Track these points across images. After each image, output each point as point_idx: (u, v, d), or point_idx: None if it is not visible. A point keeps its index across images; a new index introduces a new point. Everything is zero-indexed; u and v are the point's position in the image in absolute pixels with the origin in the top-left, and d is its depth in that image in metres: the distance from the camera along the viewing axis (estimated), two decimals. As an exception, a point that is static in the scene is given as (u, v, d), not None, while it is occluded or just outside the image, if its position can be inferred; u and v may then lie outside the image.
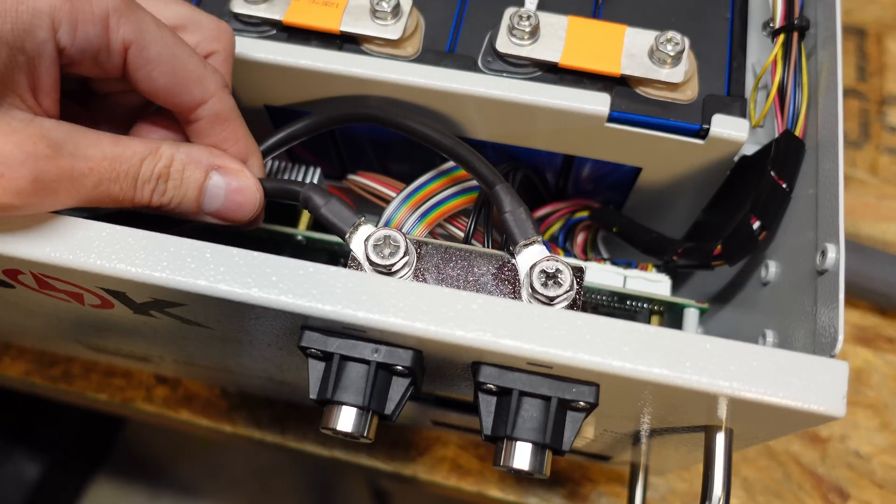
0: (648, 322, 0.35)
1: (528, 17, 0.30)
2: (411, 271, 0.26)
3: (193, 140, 0.27)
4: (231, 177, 0.26)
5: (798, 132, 0.29)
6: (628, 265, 0.35)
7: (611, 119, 0.29)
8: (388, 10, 0.30)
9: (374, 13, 0.30)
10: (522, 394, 0.22)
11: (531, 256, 0.26)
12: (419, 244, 0.27)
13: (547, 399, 0.22)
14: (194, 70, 0.25)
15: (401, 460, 0.44)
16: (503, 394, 0.23)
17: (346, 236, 0.26)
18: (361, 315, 0.21)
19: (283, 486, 0.92)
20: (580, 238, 0.37)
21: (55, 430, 0.83)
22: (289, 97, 0.32)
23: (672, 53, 0.29)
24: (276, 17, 0.31)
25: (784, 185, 0.28)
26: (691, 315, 0.34)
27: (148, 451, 0.95)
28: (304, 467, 0.92)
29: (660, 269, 0.35)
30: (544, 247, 0.26)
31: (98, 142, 0.23)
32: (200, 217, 0.26)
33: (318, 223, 0.30)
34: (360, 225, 0.26)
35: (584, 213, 0.37)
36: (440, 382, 0.26)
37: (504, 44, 0.30)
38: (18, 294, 0.28)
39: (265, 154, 0.29)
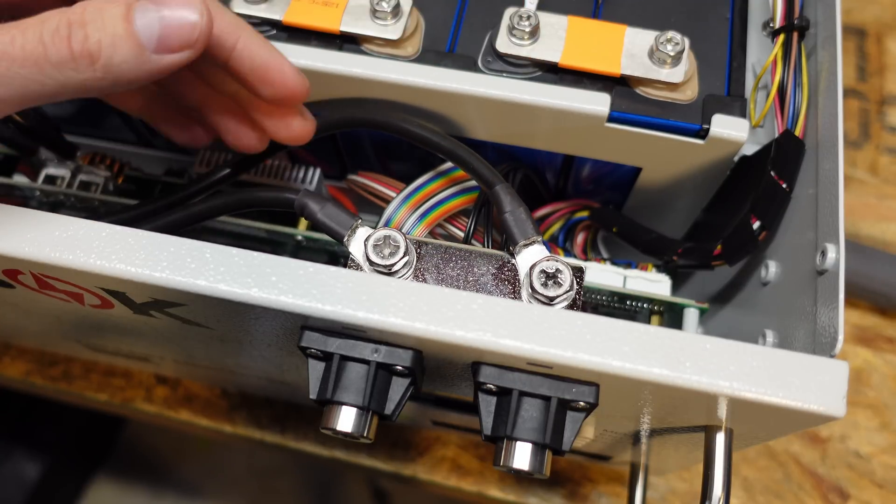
0: (648, 322, 0.35)
1: (528, 17, 0.30)
2: (411, 271, 0.26)
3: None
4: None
5: (798, 132, 0.29)
6: (628, 265, 0.35)
7: (611, 119, 0.29)
8: (388, 10, 0.30)
9: (374, 13, 0.30)
10: (522, 394, 0.22)
11: (531, 256, 0.26)
12: (419, 244, 0.27)
13: (547, 399, 0.22)
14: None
15: (401, 460, 0.44)
16: (503, 394, 0.23)
17: (345, 239, 0.26)
18: (361, 315, 0.21)
19: (283, 486, 0.92)
20: (580, 238, 0.37)
21: (55, 430, 0.83)
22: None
23: (672, 53, 0.29)
24: (276, 17, 0.31)
25: (784, 185, 0.28)
26: (691, 315, 0.34)
27: (148, 451, 0.95)
28: (304, 467, 0.92)
29: (660, 269, 0.35)
30: (544, 247, 0.26)
31: None
32: (150, 63, 0.22)
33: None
34: (357, 227, 0.26)
35: (584, 213, 0.37)
36: (440, 382, 0.26)
37: (504, 44, 0.30)
38: (18, 294, 0.28)
39: (264, 157, 0.29)
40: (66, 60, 0.21)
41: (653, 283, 0.34)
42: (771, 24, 0.31)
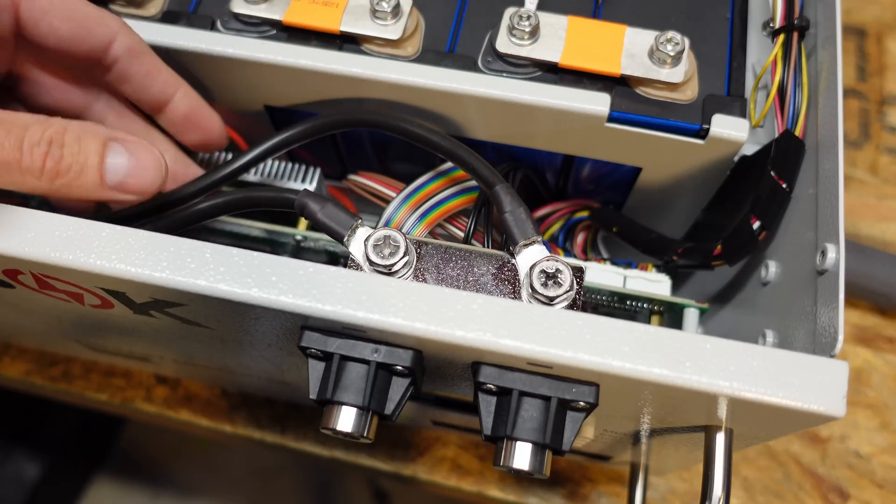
0: (648, 322, 0.35)
1: (528, 17, 0.30)
2: (411, 271, 0.26)
3: (117, 85, 0.28)
4: (131, 144, 0.25)
5: (798, 132, 0.29)
6: (628, 265, 0.35)
7: (611, 119, 0.29)
8: (388, 10, 0.30)
9: (374, 13, 0.30)
10: (522, 394, 0.22)
11: (531, 256, 0.26)
12: (419, 244, 0.27)
13: (547, 399, 0.22)
14: (90, 11, 0.26)
15: (401, 460, 0.44)
16: (503, 394, 0.23)
17: (345, 239, 0.26)
18: (361, 315, 0.21)
19: (283, 486, 0.92)
20: (580, 238, 0.37)
21: (55, 430, 0.83)
22: (289, 97, 0.32)
23: (672, 53, 0.29)
24: (276, 17, 0.31)
25: (784, 185, 0.28)
26: (691, 315, 0.34)
27: (148, 451, 0.95)
28: (304, 467, 0.92)
29: (660, 269, 0.35)
30: (544, 247, 0.26)
31: None
32: (103, 193, 0.24)
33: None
34: (357, 227, 0.26)
35: (584, 213, 0.37)
36: (440, 382, 0.26)
37: (504, 44, 0.30)
38: (18, 294, 0.28)
39: (264, 157, 0.29)
40: (34, 170, 0.22)
41: (653, 283, 0.34)
42: (771, 24, 0.31)
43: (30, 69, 0.28)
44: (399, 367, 0.23)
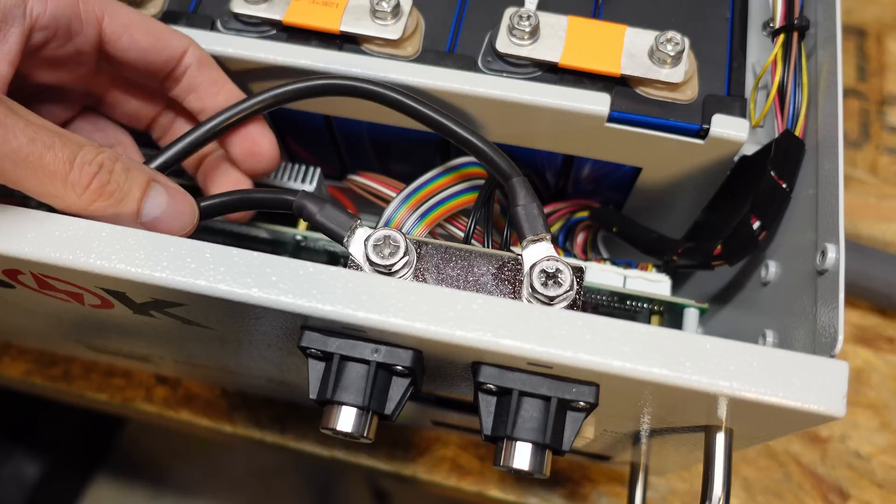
0: (648, 322, 0.35)
1: (528, 17, 0.30)
2: (411, 271, 0.26)
3: (184, 96, 0.29)
4: (171, 189, 0.26)
5: (798, 132, 0.29)
6: (628, 265, 0.35)
7: (611, 119, 0.29)
8: (388, 10, 0.30)
9: (374, 13, 0.30)
10: (522, 394, 0.22)
11: (537, 253, 0.26)
12: (419, 244, 0.27)
13: (547, 399, 0.22)
14: (164, 26, 0.28)
15: (401, 460, 0.44)
16: (503, 394, 0.23)
17: (344, 240, 0.26)
18: (361, 315, 0.21)
19: (283, 486, 0.92)
20: (580, 238, 0.37)
21: (55, 430, 0.83)
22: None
23: (672, 53, 0.29)
24: (276, 17, 0.31)
25: (784, 185, 0.28)
26: (691, 315, 0.34)
27: (148, 451, 0.95)
28: (304, 467, 0.92)
29: (660, 269, 0.35)
30: (551, 245, 0.26)
31: (39, 115, 0.23)
32: (133, 224, 0.25)
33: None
34: (356, 228, 0.26)
35: (584, 213, 0.37)
36: (440, 382, 0.26)
37: (504, 44, 0.30)
38: (18, 294, 0.28)
39: (264, 108, 0.29)
40: (79, 186, 0.23)
41: (653, 283, 0.34)
42: (771, 24, 0.31)
43: (105, 89, 0.30)
44: (399, 367, 0.23)
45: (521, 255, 0.26)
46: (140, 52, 0.27)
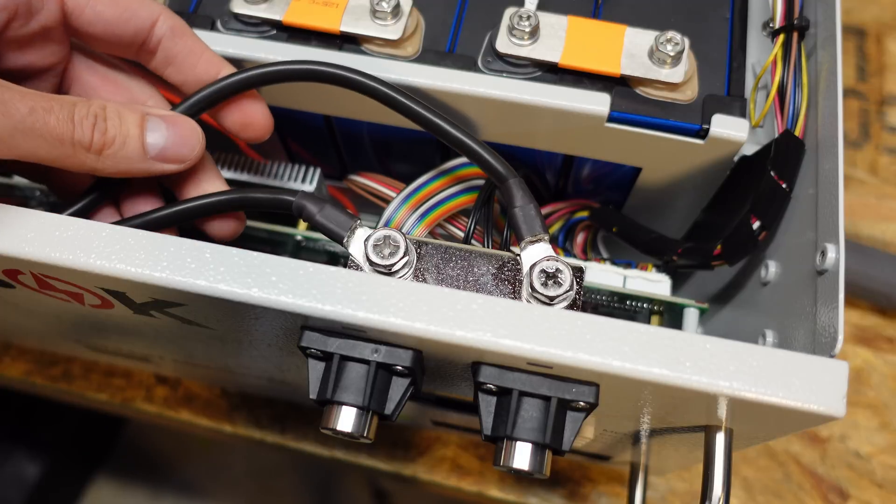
0: (648, 322, 0.35)
1: (528, 17, 0.30)
2: (411, 271, 0.26)
3: (162, 69, 0.28)
4: (167, 117, 0.26)
5: (798, 132, 0.29)
6: (628, 265, 0.35)
7: (611, 119, 0.29)
8: (388, 10, 0.30)
9: (374, 13, 0.30)
10: (522, 394, 0.22)
11: (536, 253, 0.26)
12: (419, 244, 0.27)
13: (547, 399, 0.22)
14: None
15: (401, 460, 0.44)
16: (503, 394, 0.23)
17: (344, 240, 0.26)
18: (361, 315, 0.21)
19: (283, 486, 0.92)
20: (580, 238, 0.37)
21: (55, 430, 0.83)
22: (289, 99, 0.32)
23: (672, 53, 0.29)
24: (276, 17, 0.31)
25: (784, 185, 0.28)
26: (691, 315, 0.34)
27: (148, 451, 0.95)
28: (304, 467, 0.92)
29: (660, 269, 0.35)
30: (549, 246, 0.26)
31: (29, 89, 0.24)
32: (146, 164, 0.26)
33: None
34: (356, 228, 0.26)
35: (584, 213, 0.37)
36: (440, 382, 0.26)
37: (504, 44, 0.30)
38: (18, 294, 0.28)
39: (253, 83, 0.29)
40: (85, 142, 0.24)
41: (653, 283, 0.34)
42: (771, 24, 0.31)
43: (80, 71, 0.29)
44: (399, 367, 0.23)
45: (519, 256, 0.26)
46: (106, 24, 0.27)
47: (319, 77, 0.28)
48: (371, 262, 0.25)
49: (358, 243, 0.26)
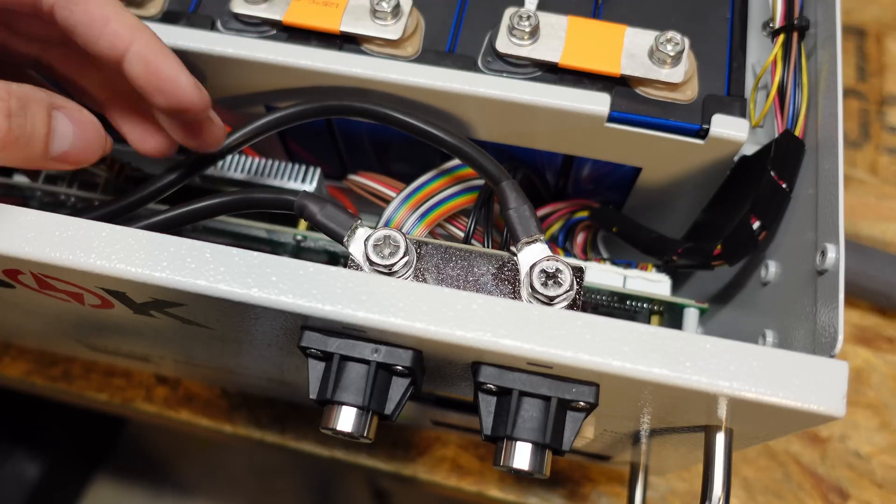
0: (648, 322, 0.35)
1: (528, 17, 0.30)
2: (411, 271, 0.26)
3: (73, 33, 0.25)
4: (74, 114, 0.24)
5: (798, 132, 0.29)
6: (628, 265, 0.35)
7: (611, 119, 0.29)
8: (388, 10, 0.30)
9: (374, 13, 0.30)
10: (522, 394, 0.22)
11: (533, 255, 0.26)
12: (419, 244, 0.27)
13: (547, 399, 0.22)
14: None
15: (401, 460, 0.44)
16: (503, 394, 0.23)
17: (344, 240, 0.26)
18: (361, 315, 0.21)
19: (283, 486, 0.92)
20: (580, 238, 0.37)
21: (55, 430, 0.83)
22: (289, 98, 0.32)
23: (672, 53, 0.29)
24: (276, 17, 0.31)
25: (784, 185, 0.28)
26: (691, 315, 0.34)
27: (148, 451, 0.95)
28: (304, 467, 0.92)
29: (660, 269, 0.35)
30: (546, 246, 0.26)
31: None
32: (44, 163, 0.24)
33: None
34: (357, 228, 0.26)
35: (584, 213, 0.37)
36: (440, 382, 0.26)
37: (504, 44, 0.30)
38: (18, 294, 0.28)
39: (255, 135, 0.29)
40: None
41: (653, 283, 0.34)
42: (771, 24, 0.31)
43: None
44: (399, 367, 0.23)
45: (516, 258, 0.26)
46: None
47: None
48: (371, 262, 0.25)
49: (358, 243, 0.26)
